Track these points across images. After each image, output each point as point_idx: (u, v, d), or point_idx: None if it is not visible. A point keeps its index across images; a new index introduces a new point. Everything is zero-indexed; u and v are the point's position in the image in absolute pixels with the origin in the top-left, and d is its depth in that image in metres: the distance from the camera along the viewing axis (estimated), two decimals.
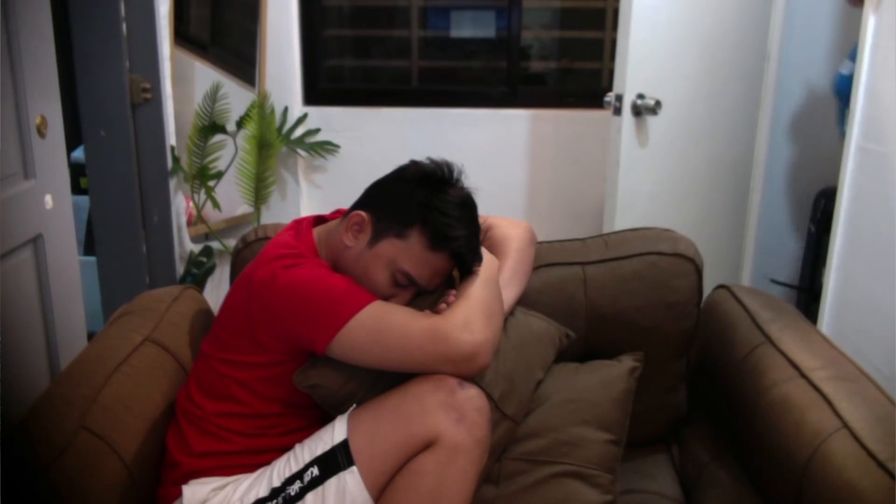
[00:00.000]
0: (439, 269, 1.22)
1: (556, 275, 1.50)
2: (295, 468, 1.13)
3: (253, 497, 1.13)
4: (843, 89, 2.35)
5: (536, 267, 1.47)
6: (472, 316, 1.14)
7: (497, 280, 1.28)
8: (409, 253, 1.19)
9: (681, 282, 1.48)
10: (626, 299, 1.47)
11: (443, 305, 1.20)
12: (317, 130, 3.12)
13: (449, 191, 1.22)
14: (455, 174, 1.25)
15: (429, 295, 1.25)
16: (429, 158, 1.25)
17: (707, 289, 1.54)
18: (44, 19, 1.79)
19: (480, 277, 1.23)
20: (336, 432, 1.12)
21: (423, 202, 1.19)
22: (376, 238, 1.21)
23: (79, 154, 2.73)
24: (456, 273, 1.27)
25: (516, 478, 1.28)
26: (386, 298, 1.19)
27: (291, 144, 3.05)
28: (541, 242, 1.52)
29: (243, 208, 2.96)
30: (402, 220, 1.20)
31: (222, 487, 1.17)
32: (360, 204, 1.27)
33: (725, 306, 1.53)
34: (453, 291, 1.23)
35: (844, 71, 2.34)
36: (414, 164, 1.26)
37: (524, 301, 1.41)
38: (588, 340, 1.49)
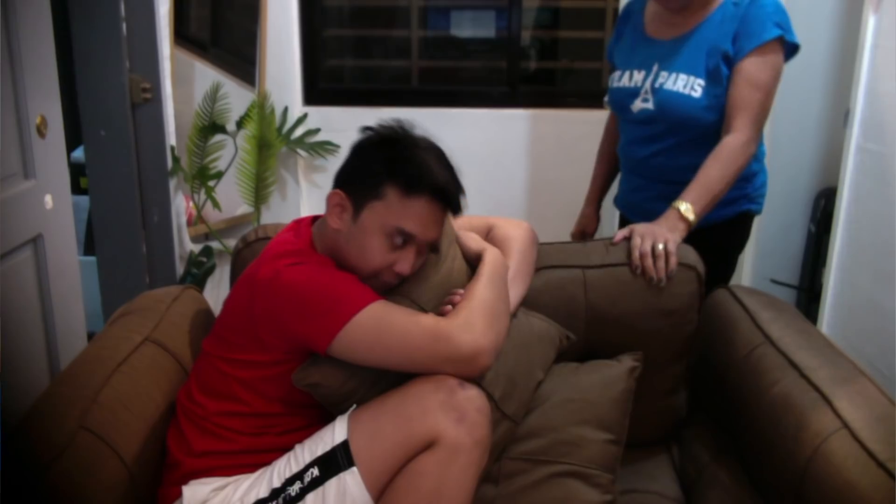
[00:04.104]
0: (426, 215, 1.20)
1: (557, 276, 1.50)
2: (295, 469, 1.12)
3: (253, 497, 1.13)
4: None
5: (537, 269, 1.47)
6: (474, 317, 1.14)
7: (505, 277, 1.28)
8: (390, 209, 1.19)
9: (681, 289, 1.46)
10: (625, 303, 1.47)
11: (448, 307, 1.21)
12: (317, 130, 3.12)
13: (407, 140, 1.23)
14: (407, 127, 1.25)
15: (440, 265, 1.25)
16: (378, 122, 1.26)
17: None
18: (44, 19, 1.79)
19: (486, 276, 1.23)
20: (336, 433, 1.12)
21: (387, 158, 1.20)
22: (357, 210, 1.21)
23: (79, 154, 2.72)
24: (466, 269, 1.26)
25: (516, 478, 1.28)
26: (392, 264, 1.19)
27: (291, 144, 3.05)
28: (542, 244, 1.51)
29: (243, 208, 2.96)
30: (372, 181, 1.20)
31: (222, 488, 1.17)
32: (333, 186, 1.27)
33: (726, 306, 1.52)
34: (459, 291, 1.23)
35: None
36: (367, 131, 1.27)
37: (525, 301, 1.41)
38: (588, 342, 1.49)
